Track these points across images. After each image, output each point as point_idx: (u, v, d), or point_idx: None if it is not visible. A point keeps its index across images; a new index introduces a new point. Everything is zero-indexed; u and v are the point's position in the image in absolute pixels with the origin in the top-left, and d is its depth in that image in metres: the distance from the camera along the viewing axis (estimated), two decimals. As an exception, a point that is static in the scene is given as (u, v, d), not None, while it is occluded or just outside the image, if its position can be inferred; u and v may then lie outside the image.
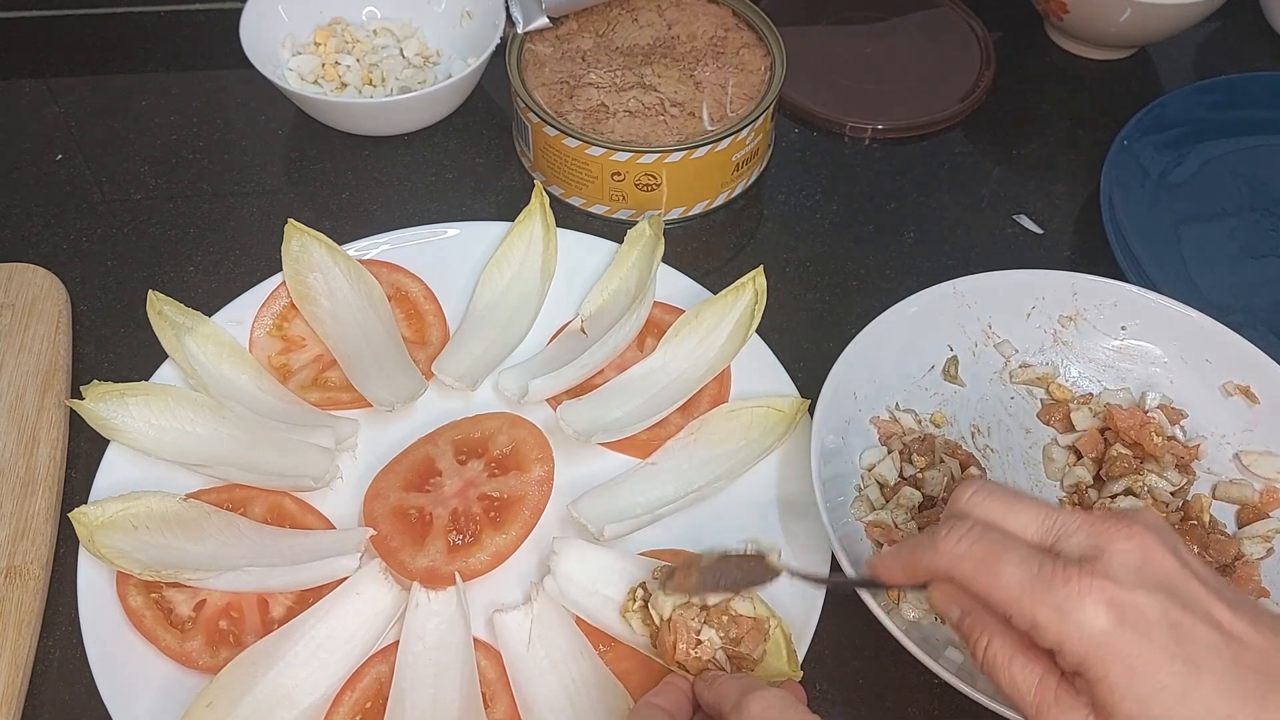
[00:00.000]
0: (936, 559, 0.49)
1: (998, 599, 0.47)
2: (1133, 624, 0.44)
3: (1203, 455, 0.71)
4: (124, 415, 0.69)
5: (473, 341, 0.75)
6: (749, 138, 0.82)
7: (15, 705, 0.61)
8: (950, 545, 0.49)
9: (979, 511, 0.50)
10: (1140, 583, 0.45)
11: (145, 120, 0.92)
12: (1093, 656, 0.45)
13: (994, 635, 0.49)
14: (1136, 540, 0.46)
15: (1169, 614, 0.45)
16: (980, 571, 0.47)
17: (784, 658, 0.60)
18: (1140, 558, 0.46)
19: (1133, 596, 0.45)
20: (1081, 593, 0.45)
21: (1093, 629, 0.44)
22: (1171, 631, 0.44)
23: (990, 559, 0.47)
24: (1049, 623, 0.45)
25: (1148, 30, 0.94)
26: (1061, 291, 0.75)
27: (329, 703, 0.61)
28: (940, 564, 0.49)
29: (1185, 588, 0.46)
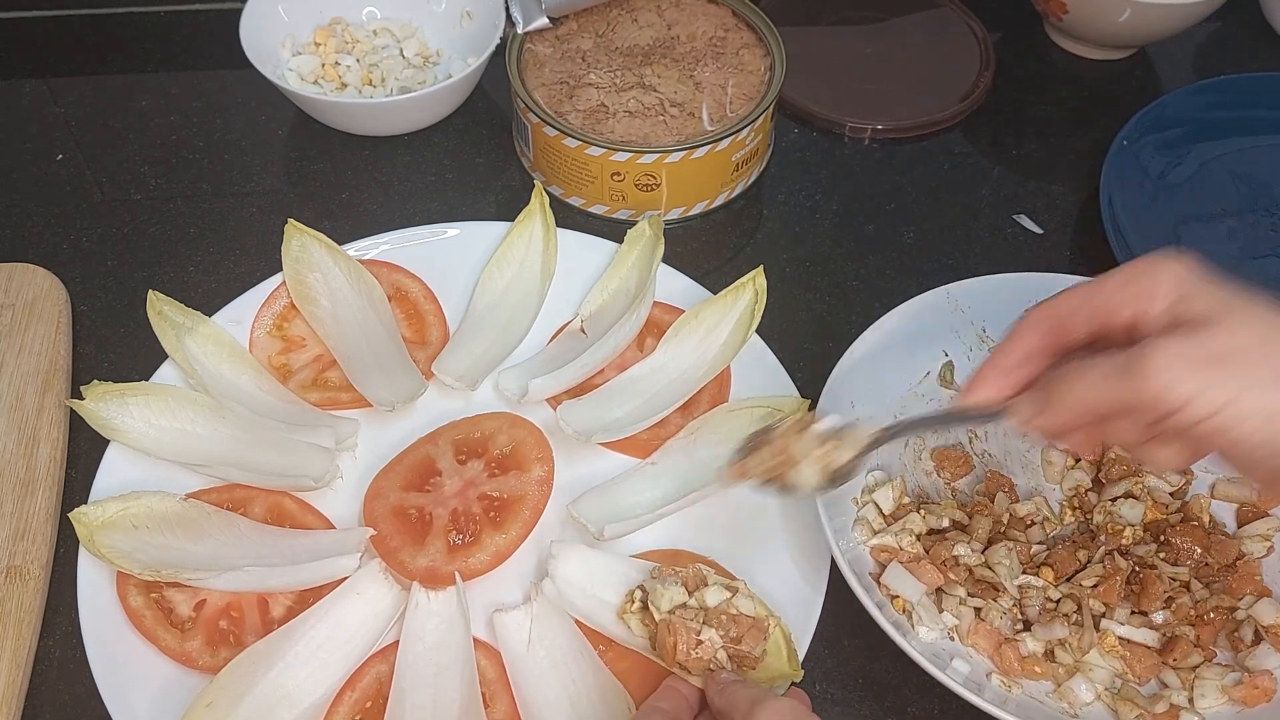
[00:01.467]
0: (1017, 326, 0.53)
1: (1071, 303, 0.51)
2: (1195, 268, 0.47)
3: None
4: (124, 415, 0.69)
5: (473, 341, 0.76)
6: (749, 138, 0.83)
7: (15, 705, 0.61)
8: (1023, 316, 0.52)
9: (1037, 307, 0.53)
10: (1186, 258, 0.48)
11: (145, 120, 0.92)
12: (1179, 280, 0.48)
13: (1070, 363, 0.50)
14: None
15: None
16: (1052, 303, 0.52)
17: (784, 658, 0.60)
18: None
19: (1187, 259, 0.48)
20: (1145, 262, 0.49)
21: (1168, 267, 0.48)
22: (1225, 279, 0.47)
23: (1054, 297, 0.52)
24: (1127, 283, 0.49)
25: (1148, 30, 0.94)
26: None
27: (329, 703, 0.61)
28: (1019, 326, 0.52)
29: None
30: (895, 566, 0.65)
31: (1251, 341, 0.45)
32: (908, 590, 0.64)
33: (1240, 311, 0.46)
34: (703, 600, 0.60)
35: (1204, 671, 0.62)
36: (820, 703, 0.64)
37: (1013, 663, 0.62)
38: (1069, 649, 0.63)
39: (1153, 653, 0.63)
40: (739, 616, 0.60)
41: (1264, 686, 0.61)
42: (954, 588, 0.65)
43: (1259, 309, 0.46)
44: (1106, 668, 0.63)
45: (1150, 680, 0.63)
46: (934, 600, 0.65)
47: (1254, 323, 0.46)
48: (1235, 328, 0.45)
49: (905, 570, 0.64)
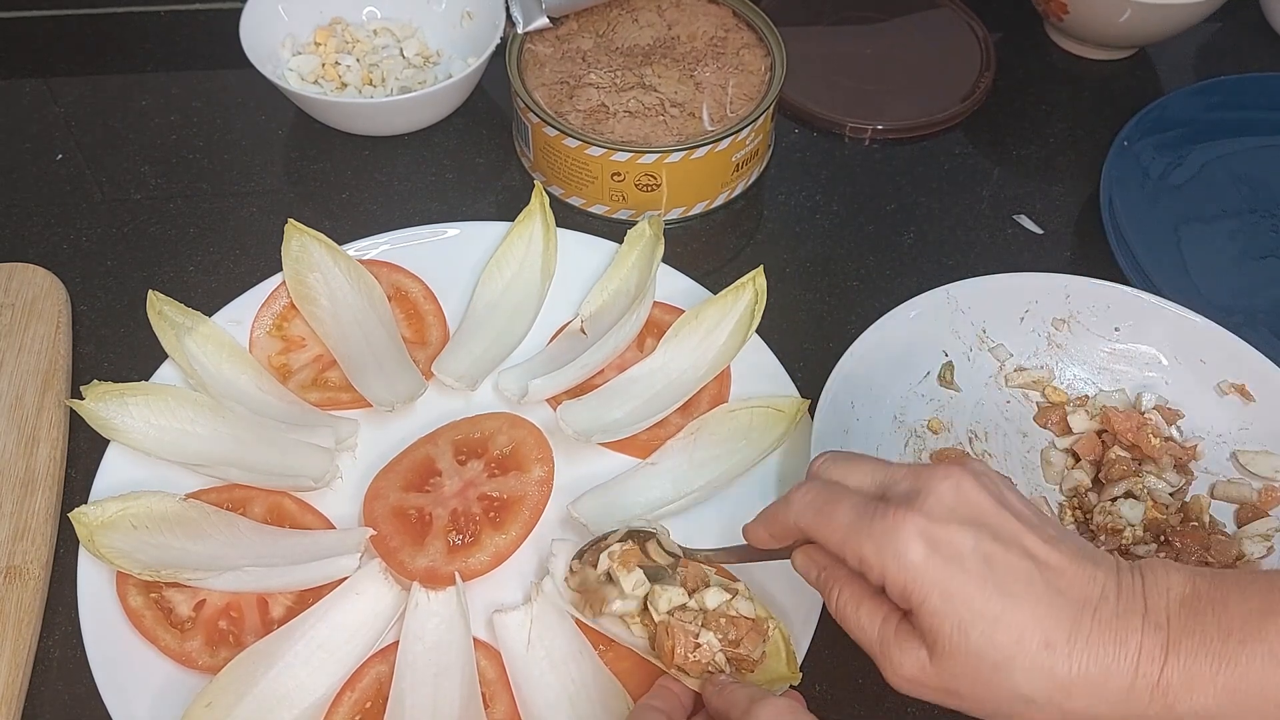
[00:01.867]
0: (788, 512, 0.54)
1: (832, 540, 0.52)
2: (945, 555, 0.48)
3: (1200, 455, 0.71)
4: (124, 415, 0.69)
5: (473, 341, 0.76)
6: (749, 138, 0.83)
7: (15, 705, 0.61)
8: (798, 498, 0.54)
9: (826, 473, 0.55)
10: (953, 518, 0.49)
11: (145, 120, 0.92)
12: (911, 585, 0.48)
13: (843, 586, 0.53)
14: (952, 480, 0.50)
15: (980, 546, 0.48)
16: (819, 518, 0.52)
17: (783, 660, 0.60)
18: (955, 496, 0.49)
19: (945, 530, 0.48)
20: (897, 526, 0.49)
21: (908, 559, 0.48)
22: (984, 562, 0.48)
23: (828, 506, 0.52)
24: (871, 556, 0.49)
25: (1148, 30, 0.94)
26: (1055, 294, 0.75)
27: (329, 703, 0.61)
28: (790, 516, 0.54)
29: (999, 522, 0.49)
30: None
31: (979, 683, 0.48)
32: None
33: (972, 648, 0.48)
34: (702, 602, 0.60)
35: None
36: (820, 703, 0.64)
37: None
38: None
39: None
40: (738, 619, 0.60)
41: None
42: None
43: (993, 645, 0.47)
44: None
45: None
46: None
47: (981, 668, 0.48)
48: (965, 669, 0.48)
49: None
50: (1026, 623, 0.47)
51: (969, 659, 0.48)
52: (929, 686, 0.50)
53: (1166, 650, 0.46)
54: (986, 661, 0.47)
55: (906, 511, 0.49)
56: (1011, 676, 0.47)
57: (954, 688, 0.49)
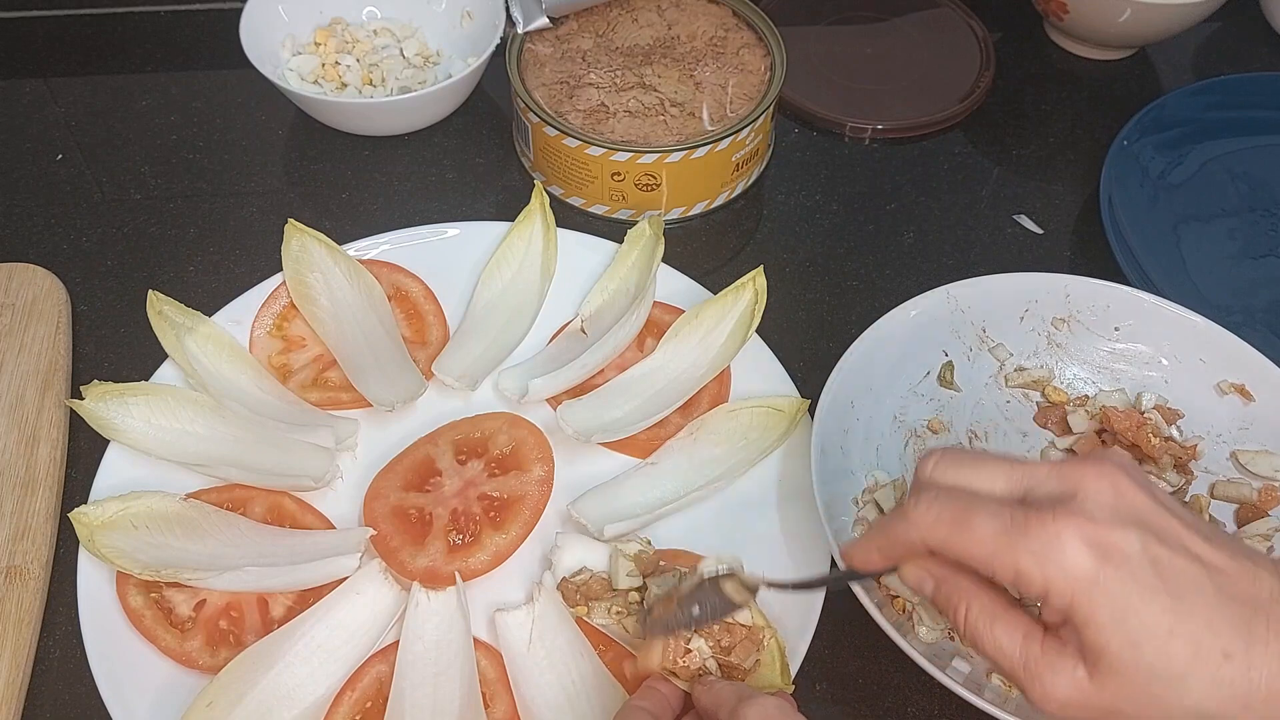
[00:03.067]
0: (910, 530, 0.48)
1: (977, 554, 0.46)
2: (1115, 562, 0.44)
3: (1200, 455, 0.71)
4: (124, 415, 0.69)
5: (473, 341, 0.76)
6: (749, 138, 0.83)
7: (15, 705, 0.61)
8: (921, 514, 0.48)
9: (945, 478, 0.49)
10: (1117, 519, 0.45)
11: (145, 120, 0.92)
12: (1080, 598, 0.44)
13: (972, 600, 0.48)
14: (1108, 479, 0.46)
15: (1148, 549, 0.44)
16: (955, 532, 0.47)
17: (777, 670, 0.60)
18: (1113, 495, 0.45)
19: (1111, 534, 0.44)
20: (1059, 533, 0.44)
21: (1076, 568, 0.44)
22: (1153, 566, 0.44)
23: (963, 518, 0.47)
24: (1031, 568, 0.44)
25: (1148, 30, 0.94)
26: (1055, 294, 0.75)
27: (329, 703, 0.61)
28: (914, 534, 0.48)
29: (1161, 522, 0.45)
30: (895, 566, 0.65)
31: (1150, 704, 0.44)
32: (908, 590, 0.64)
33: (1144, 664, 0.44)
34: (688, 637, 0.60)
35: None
36: (820, 703, 0.64)
37: (1013, 663, 0.62)
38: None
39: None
40: (734, 626, 0.59)
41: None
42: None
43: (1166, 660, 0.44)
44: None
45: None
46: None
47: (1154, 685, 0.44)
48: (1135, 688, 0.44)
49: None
50: (1202, 633, 0.43)
51: (1139, 676, 0.44)
52: (1088, 708, 0.45)
53: None
54: (1161, 677, 0.44)
55: (1066, 516, 0.44)
56: (1189, 693, 0.44)
57: (1118, 708, 0.45)
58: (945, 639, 0.63)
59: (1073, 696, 0.45)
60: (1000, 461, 0.49)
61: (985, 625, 0.48)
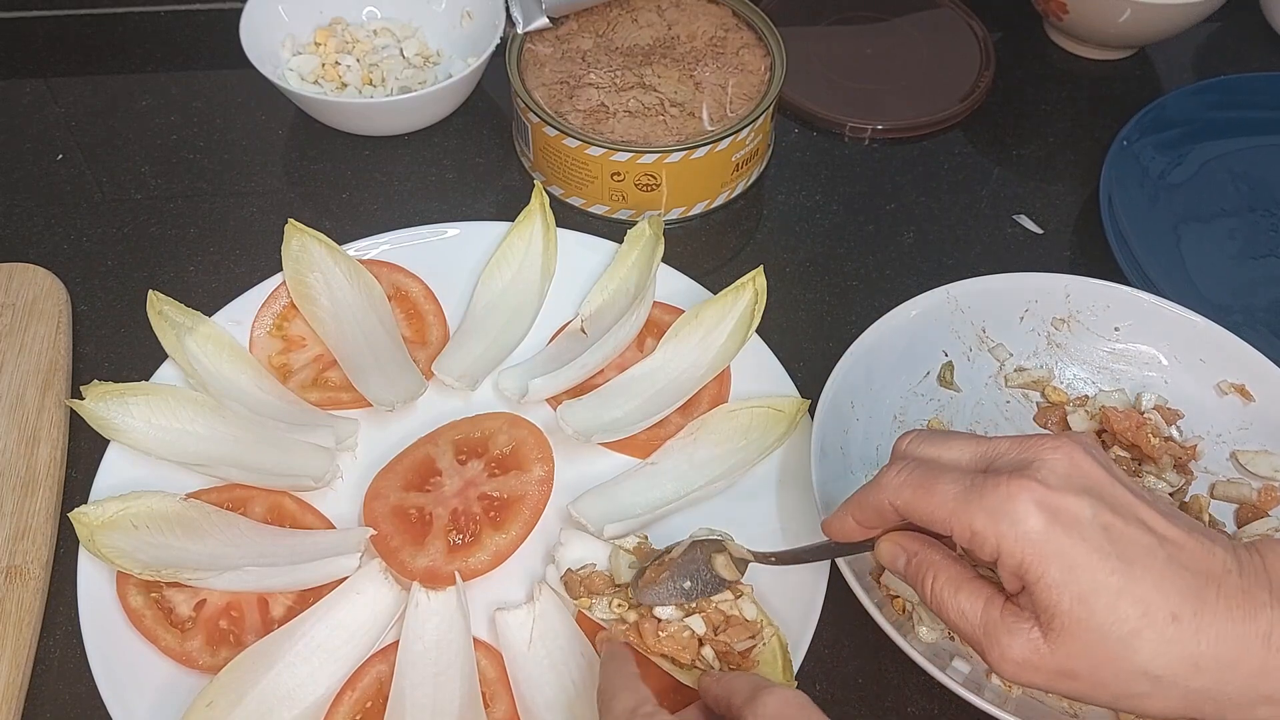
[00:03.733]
0: (880, 494, 0.52)
1: (937, 515, 0.49)
2: (1064, 524, 0.46)
3: (1200, 455, 0.71)
4: (124, 415, 0.69)
5: (473, 341, 0.76)
6: (749, 138, 0.83)
7: (15, 705, 0.61)
8: (890, 478, 0.52)
9: (917, 451, 0.53)
10: (1069, 487, 0.47)
11: (145, 120, 0.92)
12: (1030, 556, 0.46)
13: (939, 571, 0.51)
14: (1064, 451, 0.48)
15: (1099, 516, 0.46)
16: (919, 495, 0.50)
17: (779, 668, 0.60)
18: (1068, 465, 0.48)
19: (1062, 498, 0.47)
20: (1012, 495, 0.47)
21: (1027, 528, 0.46)
22: (1104, 531, 0.46)
23: (927, 481, 0.50)
24: (985, 527, 0.47)
25: (1148, 30, 0.94)
26: (1055, 294, 0.75)
27: (329, 702, 0.61)
28: (884, 497, 0.52)
29: (1114, 493, 0.48)
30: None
31: (1103, 662, 0.46)
32: (908, 590, 0.64)
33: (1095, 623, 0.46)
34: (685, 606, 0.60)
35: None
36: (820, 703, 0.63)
37: (1012, 663, 0.62)
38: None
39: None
40: (731, 615, 0.60)
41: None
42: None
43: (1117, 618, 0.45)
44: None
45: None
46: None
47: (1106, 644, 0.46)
48: (1088, 646, 0.46)
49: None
50: (1151, 595, 0.45)
51: (1090, 635, 0.46)
52: (1042, 669, 0.47)
53: None
54: (1110, 636, 0.45)
55: (1021, 479, 0.47)
56: (1137, 652, 0.45)
57: (1071, 668, 0.47)
58: (945, 639, 0.63)
59: (1028, 657, 0.47)
60: (969, 437, 0.53)
61: (950, 593, 0.51)
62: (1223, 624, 0.45)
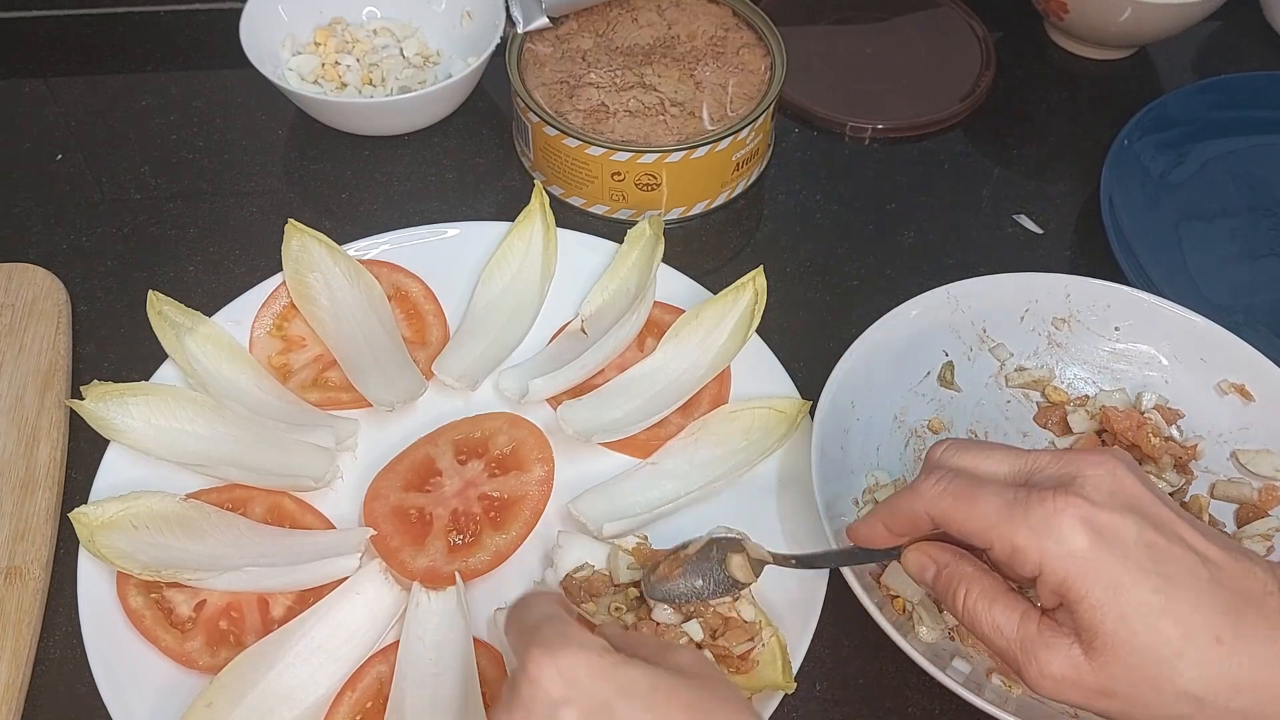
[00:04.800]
0: (916, 502, 0.51)
1: (977, 528, 0.48)
2: (1109, 541, 0.46)
3: (1200, 455, 0.71)
4: (124, 415, 0.69)
5: (473, 341, 0.76)
6: (749, 138, 0.83)
7: (15, 705, 0.61)
8: (929, 488, 0.50)
9: (953, 461, 0.52)
10: (1113, 504, 0.46)
11: (145, 120, 0.92)
12: (1074, 574, 0.46)
13: (971, 584, 0.50)
14: (1107, 467, 0.48)
15: (1143, 534, 0.46)
16: (959, 506, 0.49)
17: (778, 669, 0.60)
18: (1112, 482, 0.47)
19: (1108, 516, 0.46)
20: (1058, 511, 0.46)
21: (1072, 546, 0.46)
22: (1148, 550, 0.46)
23: (967, 493, 0.49)
24: (1028, 543, 0.46)
25: (1148, 30, 0.94)
26: (1055, 294, 0.75)
27: (329, 703, 0.61)
28: (920, 507, 0.50)
29: (1156, 511, 0.47)
30: (895, 566, 0.65)
31: (1143, 683, 0.45)
32: (908, 590, 0.64)
33: (1137, 643, 0.45)
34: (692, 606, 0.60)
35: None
36: (820, 703, 0.64)
37: (1013, 663, 0.62)
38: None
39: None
40: (729, 617, 0.60)
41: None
42: (954, 588, 0.65)
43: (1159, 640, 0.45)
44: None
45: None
46: (934, 600, 0.65)
47: (1148, 665, 0.45)
48: (1129, 667, 0.45)
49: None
50: (1194, 615, 0.45)
51: (1134, 656, 0.45)
52: (1082, 687, 0.47)
53: None
54: (1153, 658, 0.45)
55: (1067, 496, 0.46)
56: (1180, 674, 0.45)
57: (1111, 688, 0.46)
58: (945, 639, 0.63)
59: (1067, 674, 0.47)
60: (1007, 449, 0.51)
61: (984, 607, 0.49)
62: (1264, 645, 0.45)
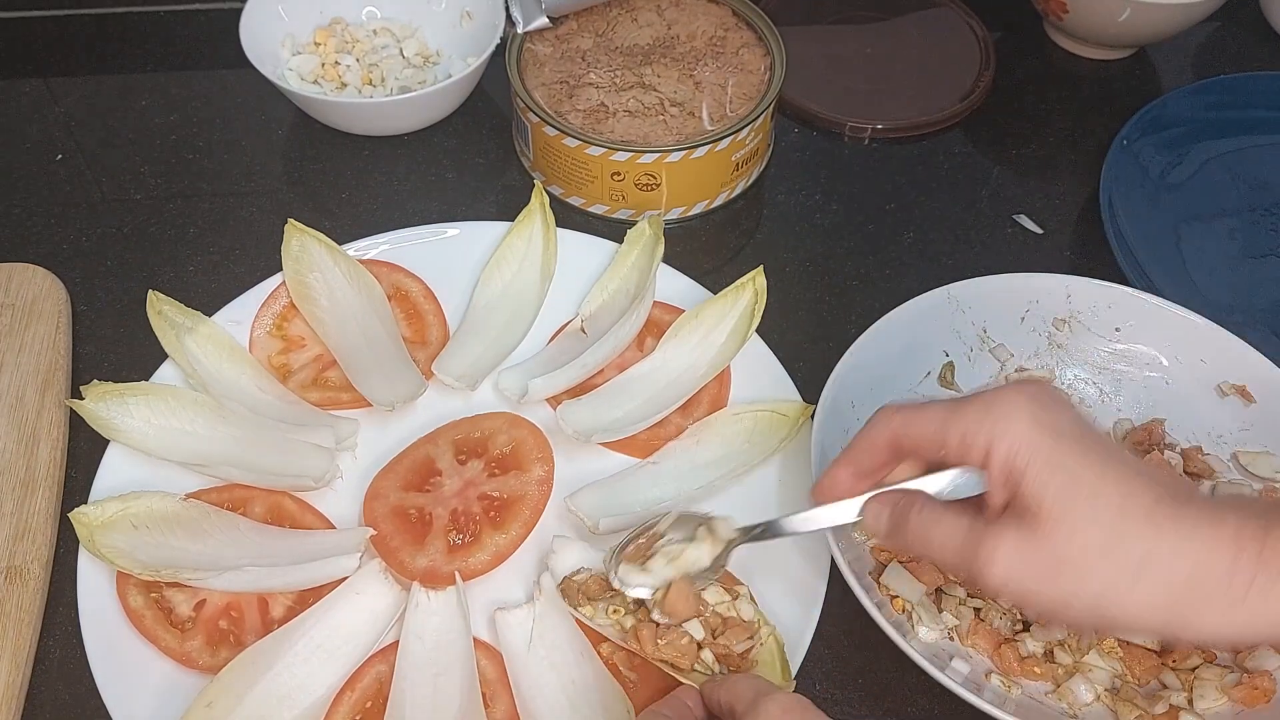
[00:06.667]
0: (872, 428, 0.55)
1: (930, 430, 0.53)
2: (1046, 425, 0.49)
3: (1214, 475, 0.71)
4: (124, 415, 0.69)
5: (473, 341, 0.76)
6: (749, 138, 0.83)
7: (15, 705, 0.61)
8: (882, 415, 0.55)
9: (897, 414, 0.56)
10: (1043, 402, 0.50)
11: (145, 120, 0.92)
12: (1016, 449, 0.49)
13: (920, 506, 0.53)
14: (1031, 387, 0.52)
15: (1076, 425, 0.50)
16: (912, 416, 0.54)
17: (777, 669, 0.60)
18: (1040, 392, 0.51)
19: (1044, 408, 0.50)
20: (1000, 398, 0.50)
21: (1014, 426, 0.49)
22: (1081, 436, 0.50)
23: (916, 408, 0.54)
24: (978, 425, 0.50)
25: (1148, 30, 0.94)
26: (1056, 294, 0.75)
27: (329, 703, 0.61)
28: (876, 433, 0.55)
29: (1080, 413, 0.51)
30: (895, 566, 0.65)
31: (1088, 548, 0.48)
32: (907, 590, 0.64)
33: (1079, 510, 0.48)
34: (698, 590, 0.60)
35: (1203, 672, 0.62)
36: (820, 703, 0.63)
37: (1012, 663, 0.62)
38: (1068, 650, 0.63)
39: (1152, 654, 0.63)
40: (729, 616, 0.60)
41: (1263, 687, 0.61)
42: (954, 588, 0.65)
43: (1099, 505, 0.48)
44: (1106, 669, 0.63)
45: (1150, 681, 0.63)
46: (934, 600, 0.65)
47: (1091, 528, 0.48)
48: (1073, 532, 0.48)
49: (905, 570, 0.64)
50: (1133, 482, 0.48)
51: (1077, 519, 0.48)
52: (1030, 565, 0.49)
53: (1267, 530, 0.47)
54: (1097, 520, 0.47)
55: (1003, 391, 0.51)
56: (1124, 536, 0.47)
57: (1058, 557, 0.48)
58: (945, 639, 0.63)
59: (1017, 555, 0.49)
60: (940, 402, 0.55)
61: (933, 519, 0.52)
62: (1198, 520, 0.47)
